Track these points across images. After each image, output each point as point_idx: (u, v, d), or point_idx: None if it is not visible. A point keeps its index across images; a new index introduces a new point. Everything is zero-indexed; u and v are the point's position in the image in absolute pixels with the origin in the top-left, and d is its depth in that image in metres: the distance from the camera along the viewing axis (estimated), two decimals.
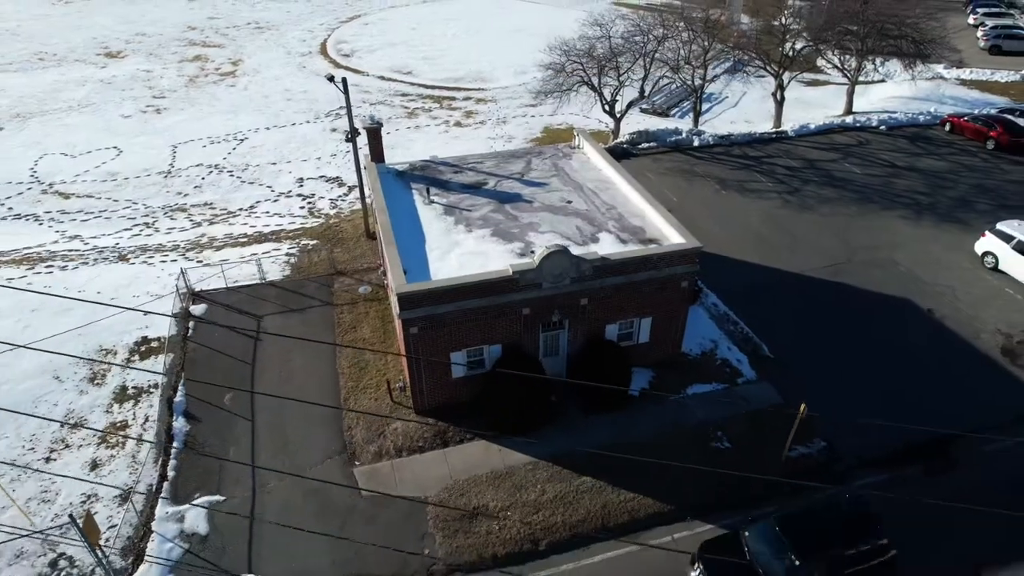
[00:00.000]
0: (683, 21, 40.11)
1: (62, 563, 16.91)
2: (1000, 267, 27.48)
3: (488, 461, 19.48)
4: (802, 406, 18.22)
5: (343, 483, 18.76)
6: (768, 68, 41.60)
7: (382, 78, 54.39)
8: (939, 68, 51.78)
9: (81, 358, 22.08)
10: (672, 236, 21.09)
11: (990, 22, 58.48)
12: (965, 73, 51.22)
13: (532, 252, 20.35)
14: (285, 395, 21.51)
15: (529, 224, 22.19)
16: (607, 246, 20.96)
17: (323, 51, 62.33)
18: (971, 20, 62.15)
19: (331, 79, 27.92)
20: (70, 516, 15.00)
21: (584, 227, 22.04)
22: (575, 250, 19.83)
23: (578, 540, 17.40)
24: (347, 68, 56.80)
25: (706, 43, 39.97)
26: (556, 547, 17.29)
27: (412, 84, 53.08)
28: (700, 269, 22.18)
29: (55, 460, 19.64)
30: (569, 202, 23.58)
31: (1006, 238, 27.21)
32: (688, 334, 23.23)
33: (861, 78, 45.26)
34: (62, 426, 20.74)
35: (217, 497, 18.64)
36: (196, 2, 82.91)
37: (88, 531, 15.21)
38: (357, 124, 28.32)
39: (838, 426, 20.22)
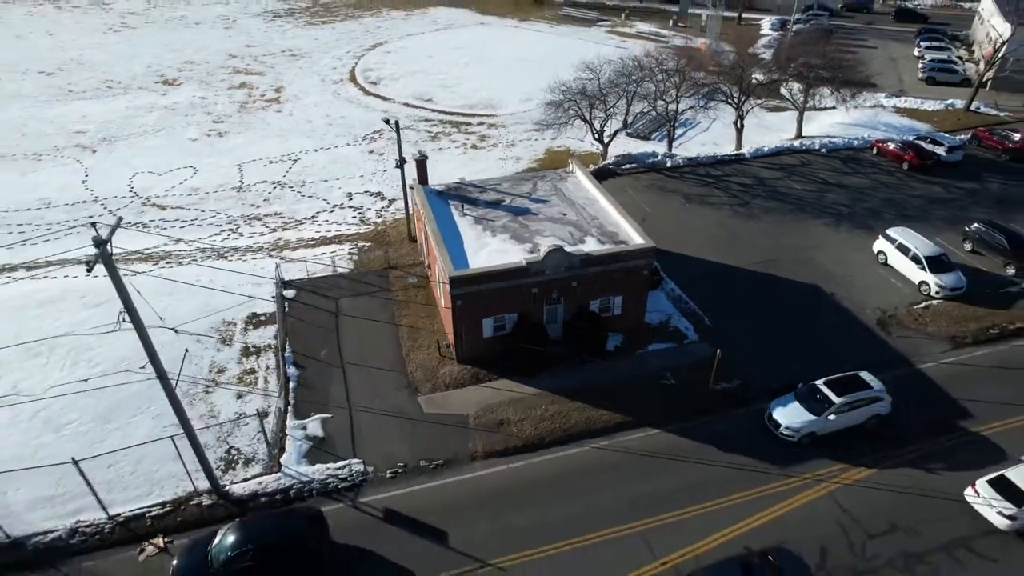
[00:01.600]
0: (657, 64, 49.15)
1: (233, 452, 25.91)
2: (888, 262, 36.53)
3: (509, 393, 28.44)
4: (717, 351, 27.28)
5: (412, 408, 27.86)
6: (729, 101, 50.69)
7: (407, 105, 63.55)
8: (880, 97, 60.93)
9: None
10: (636, 238, 30.14)
11: (929, 55, 67.62)
12: (901, 102, 60.28)
13: (538, 250, 29.36)
14: (362, 354, 30.61)
15: (536, 230, 31.24)
16: (591, 245, 29.98)
17: (352, 79, 71.46)
18: (916, 52, 71.32)
19: (387, 121, 37.01)
20: (256, 411, 23.94)
21: (575, 232, 31.07)
22: (568, 249, 28.83)
23: (569, 439, 26.40)
24: (376, 95, 66.03)
25: (677, 80, 49.01)
26: (555, 443, 26.25)
27: (433, 111, 62.22)
28: (663, 263, 31.02)
29: (212, 392, 28.64)
30: (564, 215, 32.63)
31: (891, 240, 36.27)
32: (650, 309, 32.28)
33: (811, 106, 54.36)
34: (210, 371, 29.80)
35: (326, 415, 27.60)
36: (232, 30, 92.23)
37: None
38: (408, 155, 37.28)
39: (751, 369, 29.25)
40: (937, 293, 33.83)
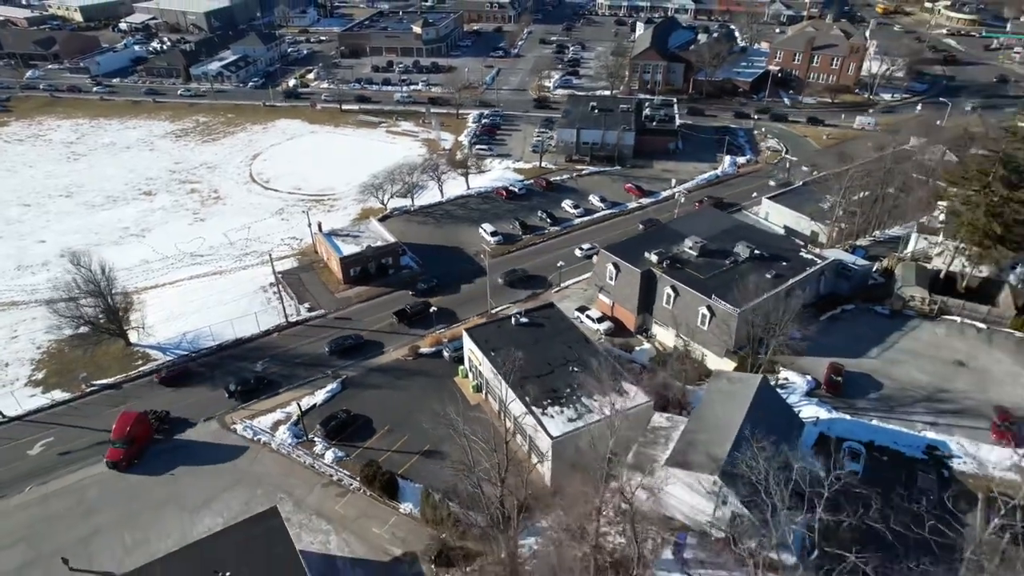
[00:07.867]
0: (399, 169, 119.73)
1: (282, 314, 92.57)
2: (482, 235, 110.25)
3: (361, 288, 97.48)
4: (419, 267, 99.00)
5: (332, 297, 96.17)
6: (433, 177, 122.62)
7: (290, 192, 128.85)
8: (510, 161, 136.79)
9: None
10: (391, 239, 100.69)
11: (536, 137, 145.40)
12: (519, 164, 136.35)
13: (364, 247, 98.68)
14: (313, 288, 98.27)
15: (361, 241, 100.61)
16: (378, 243, 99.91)
17: (252, 179, 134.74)
18: (535, 133, 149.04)
19: (305, 212, 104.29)
20: (288, 305, 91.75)
21: (373, 241, 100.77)
22: (372, 245, 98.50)
23: (381, 295, 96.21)
24: (271, 189, 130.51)
25: (412, 173, 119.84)
26: (378, 296, 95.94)
27: (303, 195, 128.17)
28: (409, 247, 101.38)
29: (271, 301, 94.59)
30: (371, 235, 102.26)
31: (483, 228, 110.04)
32: (403, 262, 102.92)
33: (477, 170, 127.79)
34: (267, 294, 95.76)
35: (308, 302, 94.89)
36: (156, 151, 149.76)
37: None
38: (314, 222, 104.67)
39: (435, 272, 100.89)
40: (492, 243, 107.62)
